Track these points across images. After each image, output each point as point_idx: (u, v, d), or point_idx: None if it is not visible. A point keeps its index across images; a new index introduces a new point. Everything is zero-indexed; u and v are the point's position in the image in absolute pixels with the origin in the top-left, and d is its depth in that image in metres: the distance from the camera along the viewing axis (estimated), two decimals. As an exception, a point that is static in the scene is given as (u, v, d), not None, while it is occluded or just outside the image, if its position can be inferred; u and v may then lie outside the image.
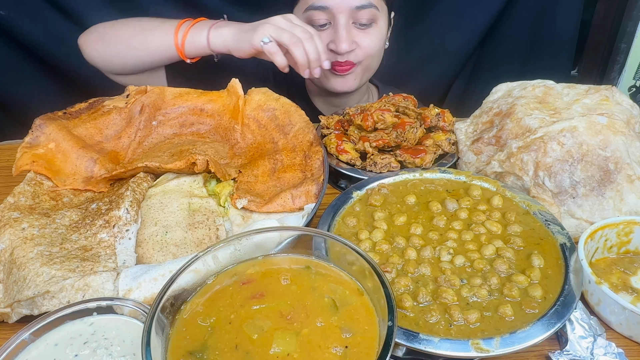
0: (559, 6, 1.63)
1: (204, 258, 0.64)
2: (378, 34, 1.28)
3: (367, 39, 1.26)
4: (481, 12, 1.67)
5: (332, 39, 1.24)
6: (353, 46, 1.24)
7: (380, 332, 0.56)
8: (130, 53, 1.20)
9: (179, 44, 1.14)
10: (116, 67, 1.24)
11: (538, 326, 0.66)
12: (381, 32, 1.29)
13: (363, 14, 1.23)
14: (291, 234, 0.69)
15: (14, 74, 1.62)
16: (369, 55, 1.29)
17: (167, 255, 0.84)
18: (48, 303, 0.73)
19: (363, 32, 1.26)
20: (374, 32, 1.27)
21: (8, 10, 1.47)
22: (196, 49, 1.16)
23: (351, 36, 1.23)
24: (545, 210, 0.86)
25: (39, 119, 1.01)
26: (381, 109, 1.11)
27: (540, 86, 1.06)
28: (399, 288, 0.72)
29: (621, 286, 0.80)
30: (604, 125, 0.93)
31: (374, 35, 1.27)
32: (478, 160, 1.03)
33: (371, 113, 1.09)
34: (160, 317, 0.57)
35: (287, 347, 0.55)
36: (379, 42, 1.30)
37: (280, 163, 1.04)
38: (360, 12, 1.22)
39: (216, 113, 1.16)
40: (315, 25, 1.24)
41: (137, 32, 1.19)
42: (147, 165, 0.96)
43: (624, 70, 1.64)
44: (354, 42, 1.24)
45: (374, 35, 1.27)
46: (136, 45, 1.19)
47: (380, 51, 1.35)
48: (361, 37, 1.26)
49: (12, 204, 0.89)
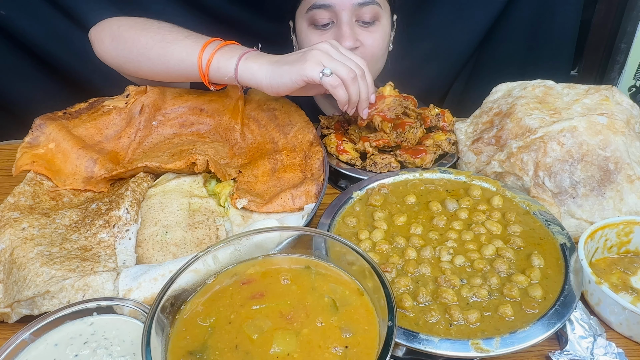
0: (559, 6, 1.63)
1: (204, 258, 0.64)
2: (382, 32, 1.26)
3: (371, 37, 1.24)
4: (481, 12, 1.67)
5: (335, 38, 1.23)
6: (357, 44, 1.22)
7: (380, 332, 0.56)
8: (146, 64, 1.09)
9: (202, 67, 1.02)
10: (128, 71, 1.16)
11: (538, 326, 0.66)
12: (385, 31, 1.28)
13: (366, 11, 1.21)
14: (291, 234, 0.69)
15: (14, 74, 1.62)
16: (373, 55, 1.26)
17: (167, 255, 0.84)
18: (48, 303, 0.73)
19: (366, 30, 1.24)
20: (378, 31, 1.25)
21: (8, 10, 1.47)
22: (221, 76, 1.02)
23: (355, 34, 1.22)
24: (545, 210, 0.86)
25: (39, 119, 1.01)
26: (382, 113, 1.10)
27: (540, 86, 1.06)
28: (399, 288, 0.72)
29: (621, 286, 0.80)
30: (604, 125, 0.93)
31: (377, 34, 1.25)
32: (478, 160, 1.03)
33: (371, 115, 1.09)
34: (160, 317, 0.57)
35: (287, 347, 0.55)
36: (382, 41, 1.28)
37: (280, 163, 1.04)
38: (363, 9, 1.21)
39: (216, 113, 1.16)
40: (318, 25, 1.23)
41: (155, 42, 1.06)
42: (147, 165, 0.96)
43: (624, 70, 1.64)
44: (358, 40, 1.23)
45: (377, 33, 1.25)
46: (153, 58, 1.07)
47: (384, 52, 1.32)
48: (365, 36, 1.24)
49: (12, 204, 0.89)
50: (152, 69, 1.09)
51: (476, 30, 1.71)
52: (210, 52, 1.01)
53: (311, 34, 1.26)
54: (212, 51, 1.01)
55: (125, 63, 1.12)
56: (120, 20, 1.14)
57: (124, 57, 1.11)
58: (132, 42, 1.09)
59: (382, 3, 1.25)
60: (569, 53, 1.72)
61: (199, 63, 1.01)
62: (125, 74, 1.20)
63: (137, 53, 1.08)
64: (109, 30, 1.13)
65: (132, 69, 1.13)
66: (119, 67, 1.16)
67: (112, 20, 1.14)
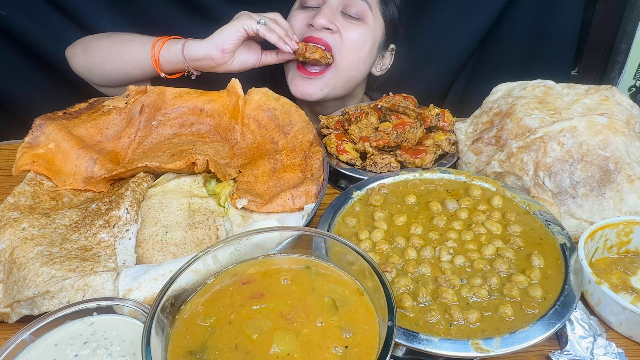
0: (559, 6, 1.62)
1: (204, 258, 0.64)
2: (362, 32, 1.25)
3: (350, 29, 1.24)
4: (481, 12, 1.66)
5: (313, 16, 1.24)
6: (331, 26, 1.22)
7: (380, 332, 0.56)
8: (108, 64, 1.22)
9: (155, 54, 1.17)
10: (96, 77, 1.27)
11: (538, 326, 0.66)
12: (366, 35, 1.26)
13: (354, 4, 1.23)
14: (291, 234, 0.69)
15: (14, 74, 1.61)
16: (346, 52, 1.24)
17: (167, 255, 0.84)
18: (48, 303, 0.73)
19: (348, 22, 1.24)
20: (359, 27, 1.25)
21: (8, 10, 1.47)
22: (170, 57, 1.17)
23: (333, 19, 1.22)
24: (545, 210, 0.86)
25: (39, 119, 1.01)
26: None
27: (540, 86, 1.06)
28: (399, 288, 0.72)
29: (621, 286, 0.80)
30: (604, 125, 0.93)
31: (357, 29, 1.25)
32: (478, 160, 1.03)
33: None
34: (160, 317, 0.57)
35: (287, 347, 0.55)
36: (362, 41, 1.26)
37: (280, 163, 1.04)
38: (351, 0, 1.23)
39: (216, 113, 1.16)
40: (304, 6, 1.27)
41: (115, 43, 1.22)
42: (147, 165, 0.96)
43: (624, 70, 1.64)
44: (334, 24, 1.22)
45: (358, 29, 1.25)
46: (113, 56, 1.21)
47: (361, 60, 1.30)
48: (344, 25, 1.23)
49: (12, 204, 0.89)
50: (114, 67, 1.22)
51: (477, 31, 1.70)
52: (161, 42, 1.18)
53: (296, 12, 1.29)
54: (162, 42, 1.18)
55: (92, 68, 1.26)
56: (90, 36, 1.30)
57: (90, 63, 1.25)
58: (97, 47, 1.24)
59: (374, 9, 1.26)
60: (569, 53, 1.72)
61: (152, 52, 1.17)
62: (95, 84, 1.31)
63: (101, 56, 1.23)
64: (80, 44, 1.28)
65: (99, 73, 1.26)
66: (89, 74, 1.28)
67: (84, 37, 1.30)
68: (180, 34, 1.22)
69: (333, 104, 1.39)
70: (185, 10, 1.56)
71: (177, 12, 1.55)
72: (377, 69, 1.42)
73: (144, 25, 1.51)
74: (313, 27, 1.22)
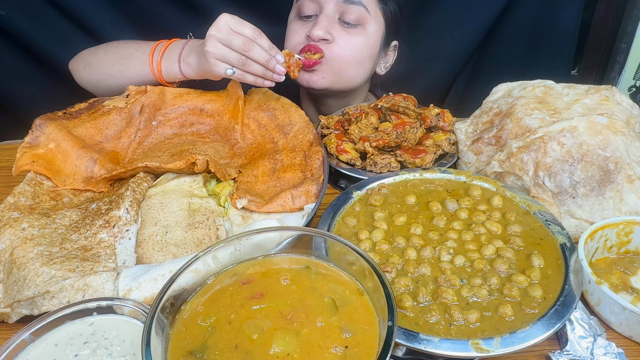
0: (559, 6, 1.62)
1: (204, 258, 0.64)
2: (362, 38, 1.23)
3: (347, 38, 1.21)
4: (481, 13, 1.66)
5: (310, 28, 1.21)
6: (327, 36, 1.19)
7: (380, 332, 0.56)
8: (113, 81, 1.22)
9: (155, 73, 1.16)
10: (103, 91, 1.26)
11: (538, 326, 0.66)
12: (367, 40, 1.24)
13: (350, 10, 1.20)
14: (291, 234, 0.69)
15: (14, 74, 1.61)
16: (341, 58, 1.22)
17: (167, 255, 0.84)
18: (48, 303, 0.73)
19: (345, 30, 1.22)
20: (357, 35, 1.22)
21: (8, 10, 1.47)
22: (173, 79, 1.16)
23: (329, 28, 1.20)
24: (545, 210, 0.86)
25: (39, 119, 1.01)
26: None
27: (540, 86, 1.06)
28: (399, 288, 0.72)
29: (621, 286, 0.80)
30: (604, 125, 0.93)
31: (356, 38, 1.22)
32: (478, 160, 1.03)
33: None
34: (160, 317, 0.57)
35: (287, 347, 0.55)
36: (361, 48, 1.24)
37: (280, 163, 1.04)
38: (348, 7, 1.19)
39: (216, 113, 1.16)
40: (302, 16, 1.24)
41: (115, 60, 1.21)
42: (147, 165, 0.96)
43: (624, 70, 1.64)
44: (330, 34, 1.20)
45: (356, 37, 1.22)
46: (116, 74, 1.21)
47: (362, 62, 1.28)
48: (341, 34, 1.21)
49: (12, 204, 0.89)
50: (119, 84, 1.21)
51: (477, 31, 1.70)
52: (157, 61, 1.15)
53: (294, 23, 1.27)
54: (158, 59, 1.15)
55: (98, 84, 1.25)
56: (90, 50, 1.29)
57: (95, 79, 1.25)
58: (98, 65, 1.23)
59: (372, 9, 1.23)
60: (569, 53, 1.72)
61: (152, 72, 1.16)
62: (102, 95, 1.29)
63: (104, 74, 1.22)
64: (81, 60, 1.28)
65: (105, 88, 1.24)
66: (95, 89, 1.27)
67: (84, 51, 1.29)
68: (180, 34, 1.22)
69: (337, 102, 1.38)
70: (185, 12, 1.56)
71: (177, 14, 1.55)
72: (381, 67, 1.42)
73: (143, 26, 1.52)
74: (311, 38, 1.21)
